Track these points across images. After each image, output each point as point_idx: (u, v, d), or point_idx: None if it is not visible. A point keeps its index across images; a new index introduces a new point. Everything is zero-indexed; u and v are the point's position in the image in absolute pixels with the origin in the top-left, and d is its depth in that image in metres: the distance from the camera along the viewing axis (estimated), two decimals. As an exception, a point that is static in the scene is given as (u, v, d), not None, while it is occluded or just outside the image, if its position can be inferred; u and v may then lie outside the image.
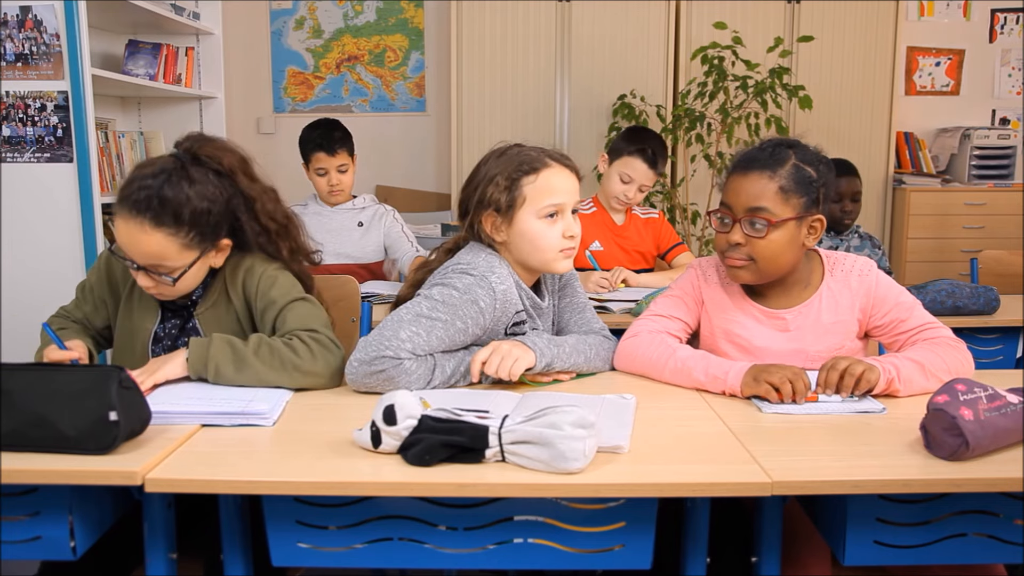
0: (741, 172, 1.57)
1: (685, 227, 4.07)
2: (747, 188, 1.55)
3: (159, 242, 1.45)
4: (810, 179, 1.55)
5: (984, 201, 4.50)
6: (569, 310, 1.77)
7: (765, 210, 1.53)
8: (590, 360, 1.64)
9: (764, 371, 1.44)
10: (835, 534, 1.20)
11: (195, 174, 1.49)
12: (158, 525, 1.20)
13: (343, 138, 2.83)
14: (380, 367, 1.43)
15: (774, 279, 1.62)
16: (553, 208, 1.58)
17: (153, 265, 1.48)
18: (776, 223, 1.53)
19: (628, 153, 2.73)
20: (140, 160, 1.60)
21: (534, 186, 1.57)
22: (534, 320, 1.66)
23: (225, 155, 1.55)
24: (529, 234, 1.58)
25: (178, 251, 1.48)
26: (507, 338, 1.58)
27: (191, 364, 1.46)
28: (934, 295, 2.36)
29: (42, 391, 1.16)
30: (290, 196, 1.86)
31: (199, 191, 1.48)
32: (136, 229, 1.44)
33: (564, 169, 1.60)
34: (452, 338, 1.51)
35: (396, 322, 1.48)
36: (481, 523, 1.14)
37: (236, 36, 4.62)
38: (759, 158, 1.56)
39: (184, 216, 1.46)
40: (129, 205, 1.44)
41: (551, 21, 4.27)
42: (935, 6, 4.85)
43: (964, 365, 1.54)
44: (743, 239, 1.55)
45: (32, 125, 2.82)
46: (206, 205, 1.49)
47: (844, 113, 4.38)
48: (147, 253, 1.47)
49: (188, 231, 1.47)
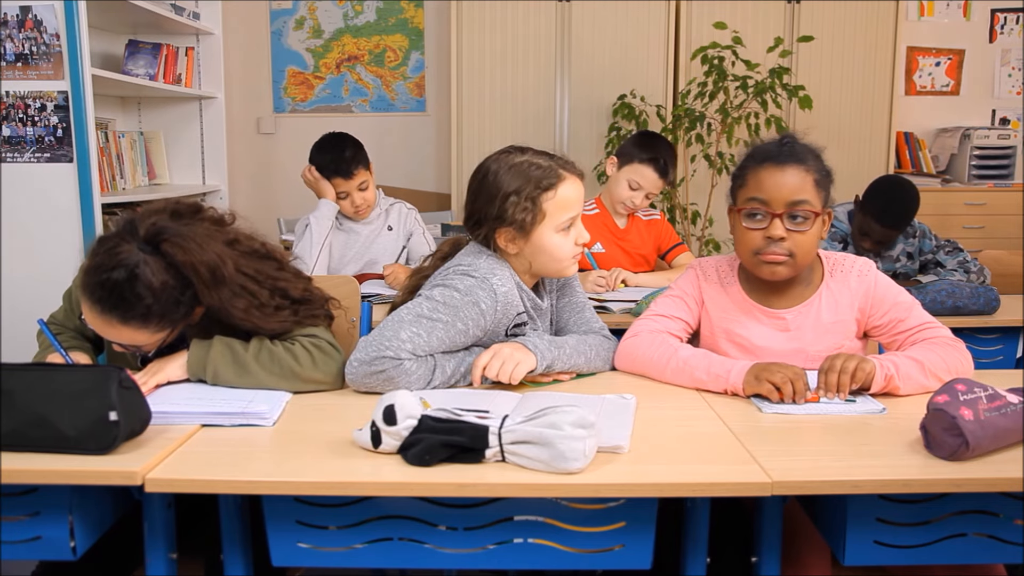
0: (777, 165, 1.55)
1: (685, 227, 4.07)
2: (787, 181, 1.54)
3: (129, 335, 1.39)
4: (828, 171, 1.58)
5: (984, 201, 4.51)
6: (568, 310, 1.77)
7: (807, 203, 1.53)
8: (591, 360, 1.64)
9: (766, 370, 1.44)
10: (835, 534, 1.20)
11: (158, 269, 1.36)
12: (158, 525, 1.20)
13: (356, 156, 2.70)
14: (380, 367, 1.44)
15: (770, 289, 1.63)
16: (570, 221, 1.60)
17: (125, 347, 1.45)
18: (816, 216, 1.55)
19: (640, 161, 2.71)
20: (105, 234, 1.41)
21: (553, 202, 1.57)
22: (534, 321, 1.67)
23: (185, 255, 1.37)
24: (548, 248, 1.58)
25: (150, 336, 1.41)
26: (508, 339, 1.58)
27: (190, 367, 1.46)
28: (934, 295, 2.36)
29: (42, 391, 1.16)
30: (290, 196, 1.85)
31: (164, 284, 1.36)
32: (103, 323, 1.38)
33: (575, 179, 1.61)
34: (453, 339, 1.51)
35: (397, 322, 1.48)
36: (481, 523, 1.14)
37: (236, 36, 4.62)
38: (790, 152, 1.56)
39: (152, 311, 1.37)
40: (94, 300, 1.36)
41: (551, 21, 4.27)
42: (935, 6, 4.85)
43: (963, 365, 1.54)
44: (786, 234, 1.54)
45: (32, 125, 2.82)
46: (174, 296, 1.39)
47: (844, 113, 4.38)
48: (119, 339, 1.42)
49: (158, 322, 1.39)
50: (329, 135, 2.78)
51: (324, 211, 2.68)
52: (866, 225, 2.70)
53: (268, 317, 1.48)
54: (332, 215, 2.69)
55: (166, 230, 1.38)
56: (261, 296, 1.46)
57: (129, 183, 3.60)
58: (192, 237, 1.39)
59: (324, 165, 2.70)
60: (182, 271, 1.38)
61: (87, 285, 1.36)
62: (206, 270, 1.38)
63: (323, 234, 2.65)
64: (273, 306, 1.48)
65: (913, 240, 2.81)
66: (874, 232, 2.70)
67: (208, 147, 4.02)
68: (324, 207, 2.68)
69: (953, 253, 2.76)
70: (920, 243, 2.81)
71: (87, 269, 1.37)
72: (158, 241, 1.37)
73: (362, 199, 2.73)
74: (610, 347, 1.71)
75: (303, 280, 1.59)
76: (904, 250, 2.80)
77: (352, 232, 2.76)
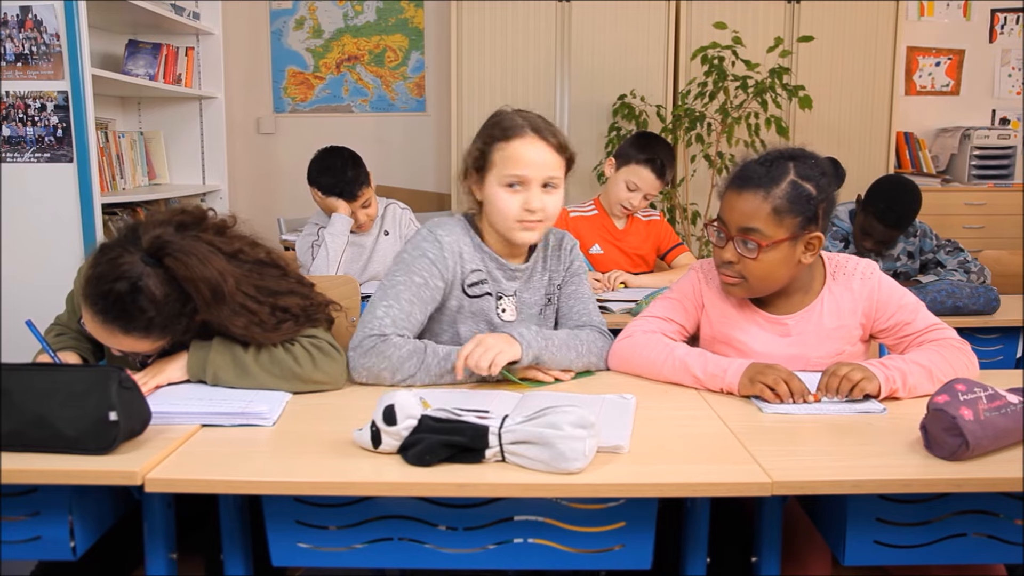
0: (736, 189, 1.54)
1: (685, 227, 4.07)
2: (740, 207, 1.52)
3: (131, 344, 1.40)
4: (808, 197, 1.51)
5: (984, 201, 4.51)
6: (573, 298, 1.75)
7: (757, 231, 1.50)
8: (582, 355, 1.62)
9: (759, 372, 1.44)
10: (835, 534, 1.20)
11: (160, 282, 1.36)
12: (158, 525, 1.20)
13: (356, 176, 2.69)
14: (369, 345, 1.51)
15: (769, 294, 1.62)
16: (513, 179, 1.58)
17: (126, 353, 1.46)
18: (768, 245, 1.51)
19: (637, 161, 2.71)
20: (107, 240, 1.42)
21: (503, 153, 1.59)
22: (498, 284, 1.67)
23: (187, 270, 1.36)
24: (491, 199, 1.61)
25: (151, 344, 1.42)
26: (496, 332, 1.58)
27: (190, 368, 1.46)
28: (934, 295, 2.36)
29: (42, 391, 1.16)
30: (290, 196, 1.85)
31: (166, 297, 1.37)
32: (105, 332, 1.38)
33: (540, 141, 1.59)
34: (418, 294, 1.58)
35: (370, 307, 1.58)
36: (481, 523, 1.14)
37: (236, 36, 4.62)
38: (755, 175, 1.52)
39: (154, 323, 1.37)
40: (96, 310, 1.36)
41: (551, 21, 4.27)
42: (935, 6, 4.85)
43: (969, 368, 1.53)
44: (735, 257, 1.54)
45: (32, 125, 2.82)
46: (176, 308, 1.39)
47: (844, 113, 4.39)
48: (119, 348, 1.43)
49: (160, 332, 1.40)
50: (326, 152, 2.75)
51: (339, 227, 2.67)
52: (868, 224, 2.70)
53: (268, 333, 1.47)
54: (347, 229, 2.68)
55: (169, 244, 1.37)
56: (261, 314, 1.46)
57: (129, 183, 3.60)
58: (195, 252, 1.38)
59: (327, 188, 2.68)
60: (183, 286, 1.38)
61: (89, 295, 1.36)
62: (207, 288, 1.38)
63: (339, 250, 2.64)
64: (274, 323, 1.48)
65: (914, 240, 2.81)
66: (876, 232, 2.70)
67: (208, 147, 4.02)
68: (339, 222, 2.67)
69: (954, 253, 2.76)
70: (921, 243, 2.81)
71: (89, 278, 1.36)
72: (161, 255, 1.36)
73: (366, 216, 2.73)
74: (604, 343, 1.69)
75: (306, 287, 1.59)
76: (905, 249, 2.80)
77: (355, 245, 2.76)
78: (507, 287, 1.68)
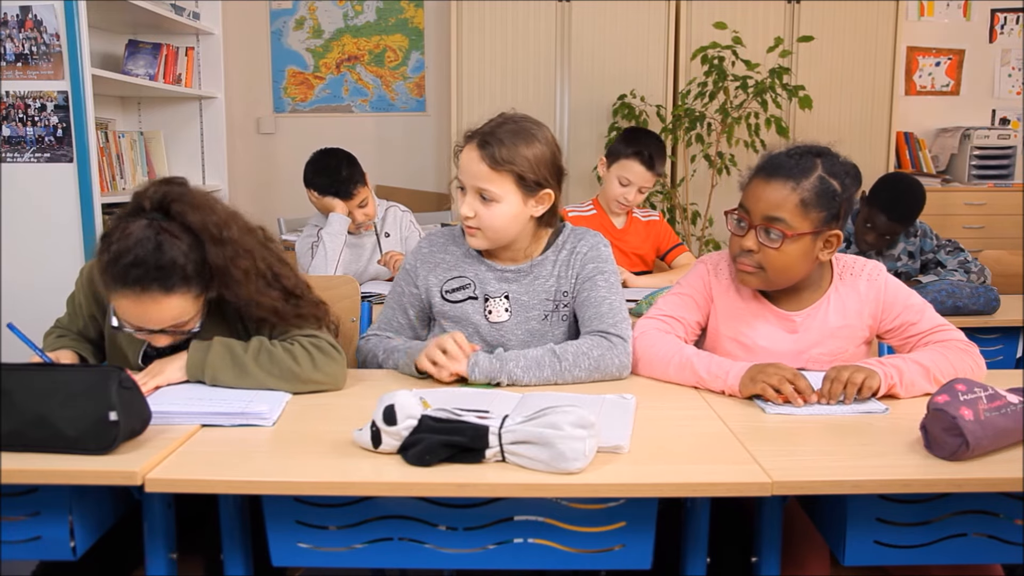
0: (764, 177, 1.53)
1: (685, 227, 4.07)
2: (768, 195, 1.51)
3: (176, 305, 1.40)
4: (833, 193, 1.51)
5: (984, 201, 4.51)
6: (584, 304, 1.68)
7: (782, 221, 1.50)
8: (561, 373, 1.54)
9: (761, 372, 1.44)
10: (835, 534, 1.20)
11: (175, 229, 1.39)
12: (158, 525, 1.20)
13: (351, 175, 2.68)
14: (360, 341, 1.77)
15: (780, 289, 1.61)
16: (459, 183, 1.66)
17: (173, 326, 1.44)
18: (792, 236, 1.50)
19: (625, 156, 2.73)
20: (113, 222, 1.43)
21: (460, 160, 1.66)
22: (486, 286, 1.70)
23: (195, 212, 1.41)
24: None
25: (192, 303, 1.43)
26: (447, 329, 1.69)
27: (189, 369, 1.46)
28: (934, 295, 2.36)
29: (42, 391, 1.16)
30: (290, 196, 1.86)
31: (188, 242, 1.40)
32: (148, 302, 1.37)
33: (474, 152, 1.62)
34: (398, 300, 1.76)
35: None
36: (481, 523, 1.14)
37: (236, 36, 4.62)
38: (785, 165, 1.52)
39: (189, 271, 1.39)
40: (129, 283, 1.35)
41: (551, 21, 4.27)
42: (935, 6, 4.85)
43: (973, 369, 1.53)
44: (756, 246, 1.53)
45: (32, 125, 2.82)
46: (201, 253, 1.41)
47: (844, 113, 4.39)
48: (165, 319, 1.41)
49: (196, 281, 1.41)
50: (321, 153, 2.75)
51: (336, 226, 2.66)
52: (872, 218, 2.69)
53: (268, 287, 1.49)
54: (344, 229, 2.68)
55: (170, 193, 1.42)
56: (260, 263, 1.49)
57: (129, 183, 3.60)
58: (196, 195, 1.45)
59: (323, 188, 2.68)
60: (193, 230, 1.41)
61: (115, 275, 1.36)
62: (214, 227, 1.42)
63: (337, 249, 2.64)
64: (270, 275, 1.50)
65: (914, 239, 2.81)
66: (880, 225, 2.69)
67: (208, 147, 4.02)
68: (337, 222, 2.67)
69: (954, 253, 2.76)
70: (921, 242, 2.81)
71: (107, 262, 1.36)
72: (166, 206, 1.40)
73: (363, 215, 2.73)
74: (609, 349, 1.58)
75: (296, 277, 1.59)
76: (905, 249, 2.80)
77: (354, 247, 2.76)
78: (496, 288, 1.69)
